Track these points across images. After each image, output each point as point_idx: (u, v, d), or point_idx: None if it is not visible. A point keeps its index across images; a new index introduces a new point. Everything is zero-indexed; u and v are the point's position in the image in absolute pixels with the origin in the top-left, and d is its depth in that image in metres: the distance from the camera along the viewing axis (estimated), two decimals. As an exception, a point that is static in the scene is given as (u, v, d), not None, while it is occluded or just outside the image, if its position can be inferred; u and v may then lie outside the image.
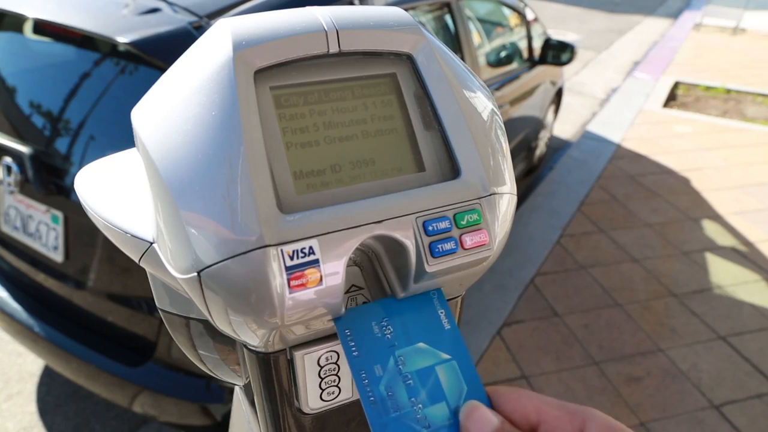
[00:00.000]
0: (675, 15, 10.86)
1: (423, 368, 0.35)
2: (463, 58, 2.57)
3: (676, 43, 8.45)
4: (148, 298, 1.54)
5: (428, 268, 0.36)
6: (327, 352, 0.38)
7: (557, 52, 3.52)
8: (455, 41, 2.59)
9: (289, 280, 0.32)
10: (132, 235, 0.39)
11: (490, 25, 3.37)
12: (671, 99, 6.08)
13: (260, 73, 0.35)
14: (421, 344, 0.36)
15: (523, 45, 3.51)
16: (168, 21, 1.48)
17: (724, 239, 3.45)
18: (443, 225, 0.36)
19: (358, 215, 0.34)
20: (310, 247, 0.33)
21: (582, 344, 2.58)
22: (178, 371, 1.57)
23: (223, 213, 0.32)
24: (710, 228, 3.57)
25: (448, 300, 0.42)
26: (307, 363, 0.38)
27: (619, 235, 3.44)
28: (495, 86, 2.94)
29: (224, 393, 1.57)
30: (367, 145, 0.37)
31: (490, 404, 0.34)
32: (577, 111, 5.75)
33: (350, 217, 0.34)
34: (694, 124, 5.31)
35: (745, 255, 3.31)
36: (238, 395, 0.56)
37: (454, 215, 0.37)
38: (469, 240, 0.37)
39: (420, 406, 0.34)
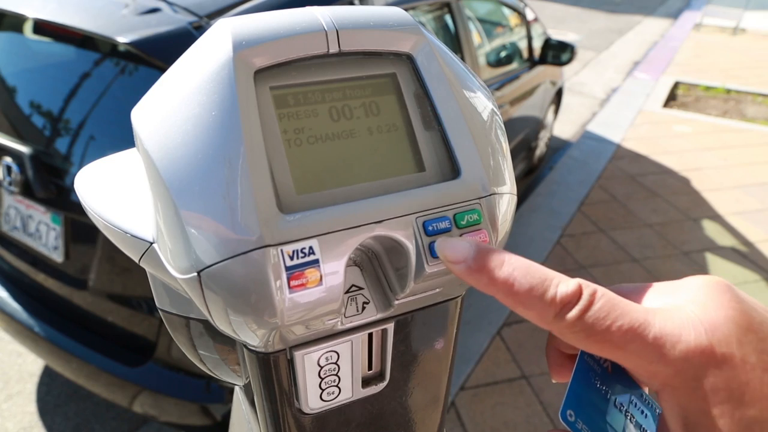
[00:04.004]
0: (675, 15, 10.86)
1: None
2: (463, 58, 2.57)
3: (676, 43, 8.45)
4: (148, 298, 1.54)
5: (428, 269, 0.36)
6: (327, 352, 0.38)
7: (557, 52, 3.52)
8: (455, 41, 2.59)
9: (289, 280, 0.32)
10: (132, 235, 0.39)
11: (490, 25, 3.37)
12: (671, 99, 6.08)
13: (260, 73, 0.35)
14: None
15: (523, 45, 3.51)
16: (168, 21, 1.48)
17: (724, 239, 3.45)
18: (443, 225, 0.36)
19: (358, 215, 0.35)
20: (310, 247, 0.33)
21: (582, 344, 2.58)
22: (178, 371, 1.57)
23: (223, 213, 0.32)
24: (710, 228, 3.57)
25: (448, 300, 0.42)
26: (307, 363, 0.38)
27: (619, 235, 3.44)
28: (495, 86, 2.94)
29: (224, 393, 1.57)
30: (367, 145, 0.37)
31: None
32: (577, 111, 5.75)
33: (350, 217, 0.34)
34: (694, 124, 5.31)
35: (745, 255, 3.31)
36: (238, 395, 0.56)
37: (454, 215, 0.37)
38: (469, 240, 0.37)
39: None
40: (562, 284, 0.31)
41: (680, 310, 0.31)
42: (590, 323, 0.30)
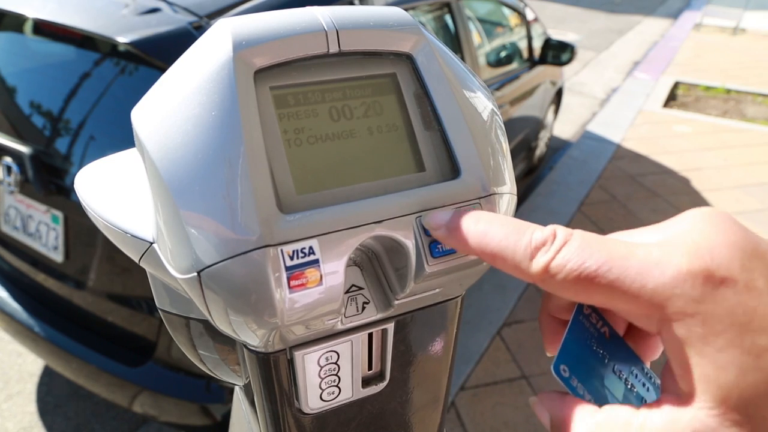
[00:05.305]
0: (675, 15, 10.86)
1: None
2: (463, 58, 2.57)
3: (676, 43, 8.45)
4: (148, 298, 1.54)
5: (428, 268, 0.36)
6: (327, 352, 0.38)
7: (557, 52, 3.52)
8: (455, 41, 2.59)
9: (289, 280, 0.32)
10: (132, 235, 0.39)
11: (490, 25, 3.37)
12: (671, 99, 6.08)
13: (260, 73, 0.35)
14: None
15: (523, 45, 3.51)
16: (168, 21, 1.48)
17: (724, 239, 3.45)
18: (443, 225, 0.36)
19: (358, 215, 0.35)
20: (310, 247, 0.33)
21: (582, 344, 2.58)
22: (178, 371, 1.57)
23: (223, 213, 0.32)
24: (710, 228, 3.56)
25: (448, 300, 0.42)
26: (307, 363, 0.38)
27: (619, 235, 3.43)
28: (495, 86, 2.94)
29: (224, 393, 1.57)
30: (367, 144, 0.37)
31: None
32: (577, 111, 5.75)
33: (350, 217, 0.34)
34: (694, 124, 5.31)
35: (745, 255, 3.31)
36: (238, 395, 0.56)
37: (454, 215, 0.37)
38: (469, 240, 0.37)
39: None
40: (537, 231, 0.29)
41: (672, 238, 0.28)
42: (564, 262, 0.27)
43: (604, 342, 0.34)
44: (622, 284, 0.26)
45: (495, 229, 0.31)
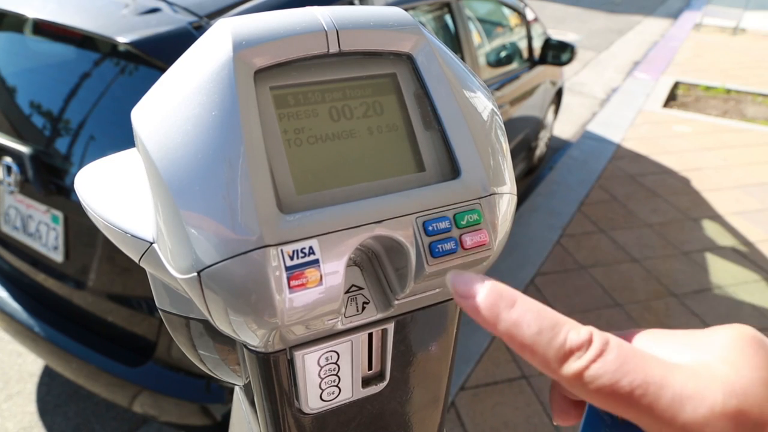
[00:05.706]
0: (675, 15, 10.86)
1: None
2: (463, 58, 2.57)
3: (676, 43, 8.45)
4: (148, 298, 1.54)
5: (428, 269, 0.36)
6: (327, 352, 0.38)
7: (557, 52, 3.52)
8: (455, 41, 2.59)
9: (289, 280, 0.32)
10: (132, 235, 0.39)
11: (490, 25, 3.37)
12: (671, 99, 6.08)
13: (260, 73, 0.35)
14: None
15: (523, 45, 3.51)
16: (168, 21, 1.48)
17: (724, 239, 3.45)
18: (443, 225, 0.36)
19: (358, 215, 0.35)
20: (310, 247, 0.33)
21: (582, 344, 2.57)
22: (178, 371, 1.57)
23: (223, 213, 0.32)
24: (710, 228, 3.57)
25: (448, 300, 0.42)
26: (307, 363, 0.38)
27: (619, 235, 3.44)
28: (495, 86, 2.94)
29: (224, 393, 1.57)
30: (367, 145, 0.37)
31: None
32: (577, 111, 5.75)
33: (350, 217, 0.34)
34: (694, 124, 5.31)
35: (745, 255, 3.31)
36: (238, 395, 0.56)
37: (454, 215, 0.37)
38: (469, 240, 0.37)
39: None
40: (573, 331, 0.28)
41: (707, 367, 0.27)
42: (598, 374, 0.27)
43: (617, 427, 0.33)
44: (653, 410, 0.26)
45: (529, 320, 0.29)
